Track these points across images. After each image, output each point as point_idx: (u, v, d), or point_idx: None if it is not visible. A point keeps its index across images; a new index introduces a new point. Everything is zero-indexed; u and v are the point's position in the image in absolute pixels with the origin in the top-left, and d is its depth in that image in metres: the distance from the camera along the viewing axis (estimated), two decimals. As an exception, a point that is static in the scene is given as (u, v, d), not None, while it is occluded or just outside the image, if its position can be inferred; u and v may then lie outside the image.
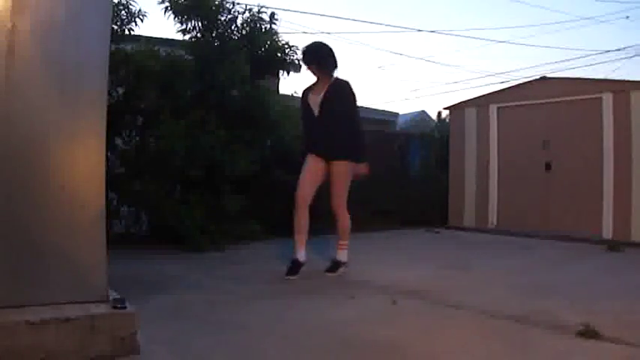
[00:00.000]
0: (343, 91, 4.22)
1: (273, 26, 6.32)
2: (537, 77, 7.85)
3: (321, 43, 4.34)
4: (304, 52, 4.33)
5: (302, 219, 4.12)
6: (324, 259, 4.48)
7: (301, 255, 4.12)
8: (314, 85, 4.32)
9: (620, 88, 6.75)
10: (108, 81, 2.42)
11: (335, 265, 4.29)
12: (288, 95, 6.92)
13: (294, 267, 4.08)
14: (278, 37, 6.35)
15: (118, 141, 5.74)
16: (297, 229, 4.13)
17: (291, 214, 4.18)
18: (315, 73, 4.30)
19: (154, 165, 5.46)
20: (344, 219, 4.25)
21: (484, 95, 8.40)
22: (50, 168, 2.20)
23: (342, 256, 4.31)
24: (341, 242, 4.31)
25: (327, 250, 4.67)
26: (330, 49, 4.28)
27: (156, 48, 5.92)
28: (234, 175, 5.67)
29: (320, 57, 4.26)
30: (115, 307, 2.19)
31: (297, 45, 6.56)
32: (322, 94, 4.18)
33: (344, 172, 4.17)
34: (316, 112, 4.21)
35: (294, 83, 33.09)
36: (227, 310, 3.14)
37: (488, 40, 32.86)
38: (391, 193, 8.20)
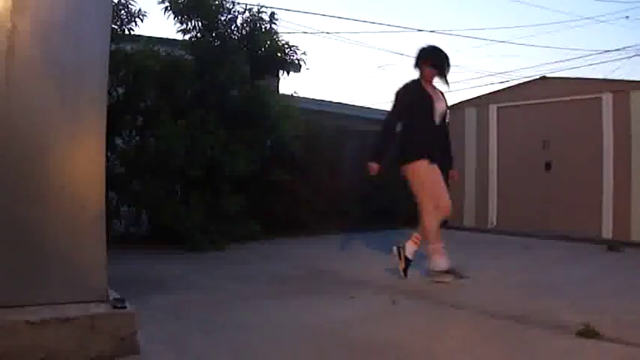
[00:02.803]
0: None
1: (273, 26, 6.33)
2: (537, 77, 7.85)
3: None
4: None
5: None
6: (325, 259, 4.48)
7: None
8: None
9: (620, 88, 6.75)
10: (108, 81, 2.42)
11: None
12: (288, 95, 6.92)
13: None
14: (278, 37, 6.35)
15: (118, 141, 5.74)
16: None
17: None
18: None
19: (153, 165, 5.46)
20: (423, 221, 4.10)
21: (484, 95, 8.40)
22: (50, 168, 2.20)
23: (432, 264, 4.07)
24: (430, 246, 4.06)
25: (329, 250, 4.66)
26: (419, 51, 4.16)
27: (156, 48, 5.92)
28: (234, 175, 5.67)
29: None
30: (114, 307, 2.19)
31: (297, 45, 6.57)
32: None
33: (406, 177, 4.23)
34: None
35: (294, 83, 33.04)
36: (227, 310, 3.14)
37: (489, 40, 32.74)
38: (391, 193, 8.19)
